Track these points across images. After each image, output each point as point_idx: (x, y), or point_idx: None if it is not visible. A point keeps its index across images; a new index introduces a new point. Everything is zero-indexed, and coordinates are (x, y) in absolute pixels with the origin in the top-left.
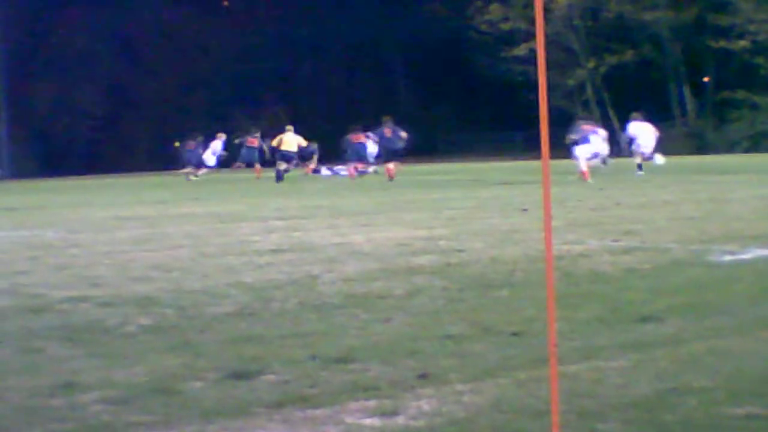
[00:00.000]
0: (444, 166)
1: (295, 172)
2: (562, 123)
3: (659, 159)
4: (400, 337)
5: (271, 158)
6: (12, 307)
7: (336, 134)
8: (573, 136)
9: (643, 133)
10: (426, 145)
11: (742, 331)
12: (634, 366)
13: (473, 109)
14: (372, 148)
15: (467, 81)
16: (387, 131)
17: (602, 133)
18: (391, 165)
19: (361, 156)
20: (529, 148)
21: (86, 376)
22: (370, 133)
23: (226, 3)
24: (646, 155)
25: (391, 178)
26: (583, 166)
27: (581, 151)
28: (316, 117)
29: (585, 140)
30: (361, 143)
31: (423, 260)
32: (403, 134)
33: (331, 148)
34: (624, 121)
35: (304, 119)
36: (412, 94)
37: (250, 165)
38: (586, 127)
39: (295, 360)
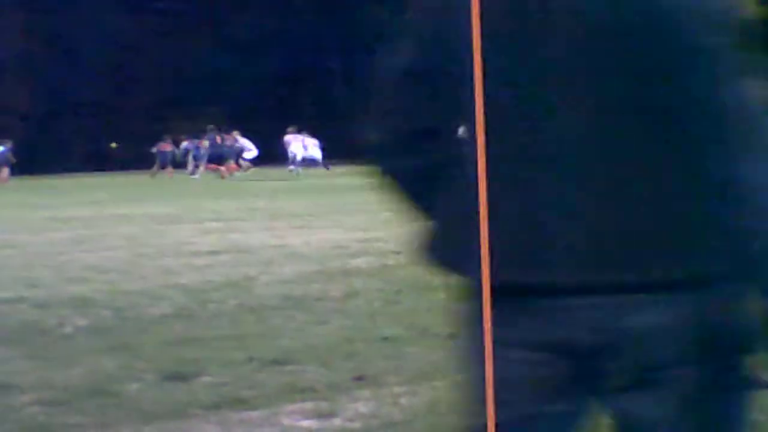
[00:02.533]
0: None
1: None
2: None
3: None
4: (337, 340)
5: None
6: None
7: (274, 135)
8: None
9: None
10: (358, 148)
11: None
12: None
13: None
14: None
15: None
16: (218, 138)
17: None
18: (223, 167)
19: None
20: None
21: (23, 377)
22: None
23: None
24: None
25: (223, 177)
26: None
27: None
28: (257, 115)
29: None
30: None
31: (360, 262)
32: (228, 142)
33: (268, 149)
34: None
35: (245, 119)
36: (346, 96)
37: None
38: None
39: (232, 362)
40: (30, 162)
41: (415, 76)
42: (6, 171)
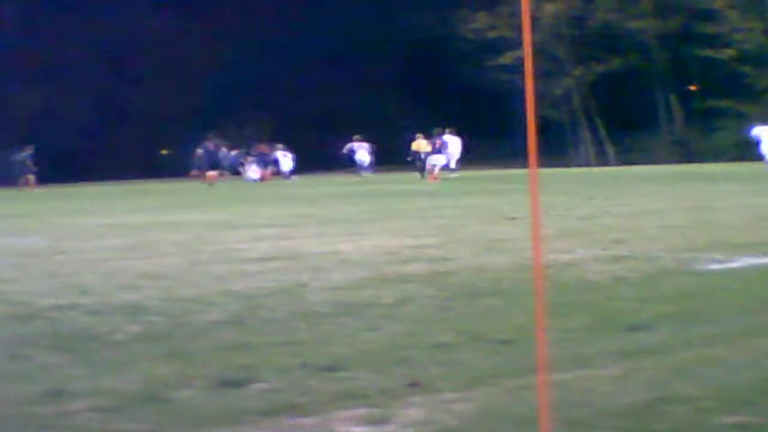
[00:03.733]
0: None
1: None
2: (549, 131)
3: None
4: (390, 346)
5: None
6: (0, 315)
7: (319, 142)
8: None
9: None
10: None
11: (731, 339)
12: (622, 374)
13: (458, 118)
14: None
15: (453, 90)
16: (210, 145)
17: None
18: (213, 173)
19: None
20: (516, 156)
21: (75, 384)
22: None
23: None
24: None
25: (211, 184)
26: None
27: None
28: (301, 124)
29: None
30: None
31: (411, 268)
32: (224, 149)
33: (315, 155)
34: (611, 128)
35: (290, 127)
36: (396, 103)
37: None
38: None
39: (284, 368)
40: (82, 169)
41: None
42: (32, 178)
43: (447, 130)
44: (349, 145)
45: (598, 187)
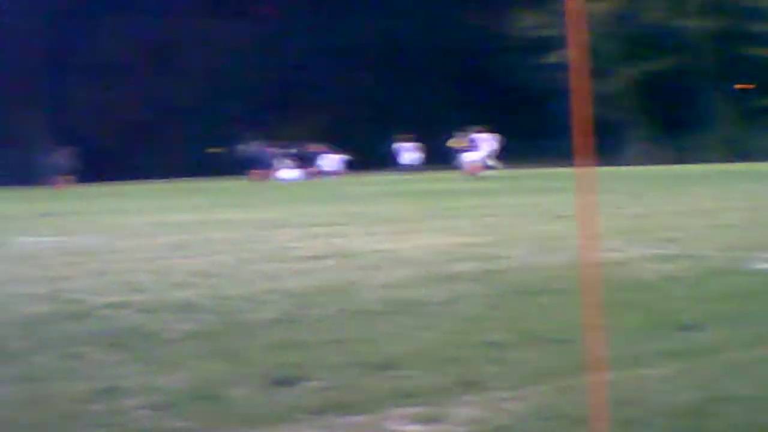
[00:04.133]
0: (483, 173)
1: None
2: (599, 130)
3: None
4: (442, 344)
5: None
6: (52, 313)
7: (370, 141)
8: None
9: None
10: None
11: None
12: (676, 374)
13: (509, 117)
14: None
15: (502, 88)
16: (256, 146)
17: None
18: (259, 171)
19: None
20: (566, 154)
21: (128, 381)
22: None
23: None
24: None
25: (255, 181)
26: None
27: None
28: (351, 123)
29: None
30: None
31: (463, 267)
32: (269, 150)
33: (364, 154)
34: (660, 127)
35: (341, 126)
36: (445, 101)
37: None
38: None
39: (336, 366)
40: (133, 166)
41: None
42: (68, 178)
43: (477, 129)
44: (396, 145)
45: (648, 186)
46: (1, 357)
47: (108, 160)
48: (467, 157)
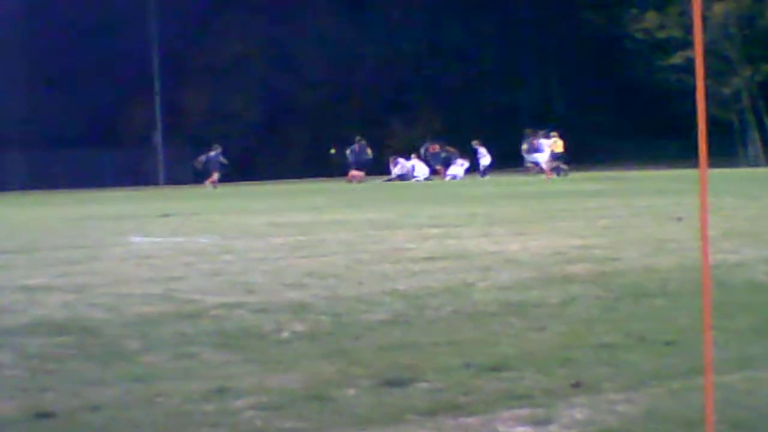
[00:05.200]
0: (598, 174)
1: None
2: (718, 131)
3: None
4: (554, 346)
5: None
6: (167, 313)
7: (490, 141)
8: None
9: None
10: (581, 153)
11: None
12: None
13: (628, 117)
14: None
15: (622, 89)
16: (357, 147)
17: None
18: (356, 172)
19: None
20: (684, 156)
21: (240, 381)
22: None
23: None
24: None
25: (353, 182)
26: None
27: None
28: (469, 124)
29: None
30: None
31: (578, 269)
32: (369, 151)
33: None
34: None
35: (457, 126)
36: (567, 102)
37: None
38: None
39: (448, 368)
40: (249, 167)
41: None
42: (216, 175)
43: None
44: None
45: (765, 188)
46: (115, 356)
47: (228, 161)
48: (538, 158)
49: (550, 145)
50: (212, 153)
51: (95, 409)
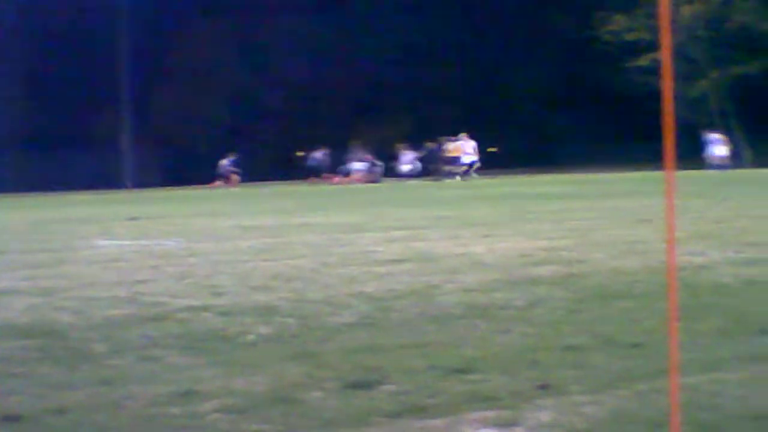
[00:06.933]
0: (565, 177)
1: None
2: (685, 133)
3: None
4: (520, 348)
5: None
6: (132, 316)
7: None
8: None
9: None
10: (547, 156)
11: None
12: (754, 378)
13: (595, 120)
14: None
15: (589, 91)
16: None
17: None
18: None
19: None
20: (652, 158)
21: (206, 384)
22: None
23: None
24: None
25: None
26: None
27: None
28: (439, 125)
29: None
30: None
31: (544, 271)
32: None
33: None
34: (747, 131)
35: (428, 127)
36: (532, 104)
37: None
38: None
39: (414, 370)
40: (215, 171)
41: None
42: (236, 178)
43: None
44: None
45: (733, 190)
46: (81, 360)
47: (197, 163)
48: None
49: (457, 148)
50: (226, 161)
51: (61, 412)
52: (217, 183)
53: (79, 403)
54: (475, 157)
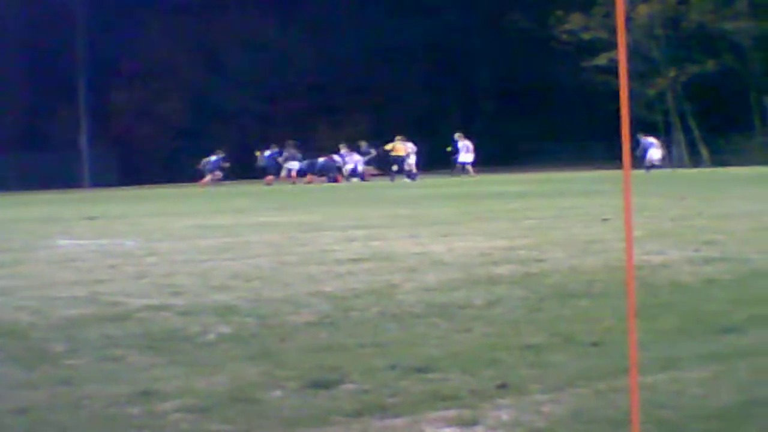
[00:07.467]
0: (524, 176)
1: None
2: (643, 132)
3: None
4: (480, 347)
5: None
6: (91, 316)
7: (417, 143)
8: None
9: None
10: (506, 155)
11: None
12: (714, 377)
13: (553, 119)
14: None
15: (547, 91)
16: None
17: None
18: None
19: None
20: (610, 157)
21: (165, 384)
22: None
23: None
24: None
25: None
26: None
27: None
28: (397, 126)
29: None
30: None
31: (503, 270)
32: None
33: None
34: (705, 130)
35: (386, 128)
36: (492, 104)
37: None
38: None
39: (374, 369)
40: (175, 170)
41: None
42: (219, 174)
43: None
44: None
45: (690, 189)
46: (40, 359)
47: (154, 164)
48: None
49: (397, 148)
50: (213, 157)
51: (21, 412)
52: (206, 180)
53: (38, 403)
54: (470, 158)
